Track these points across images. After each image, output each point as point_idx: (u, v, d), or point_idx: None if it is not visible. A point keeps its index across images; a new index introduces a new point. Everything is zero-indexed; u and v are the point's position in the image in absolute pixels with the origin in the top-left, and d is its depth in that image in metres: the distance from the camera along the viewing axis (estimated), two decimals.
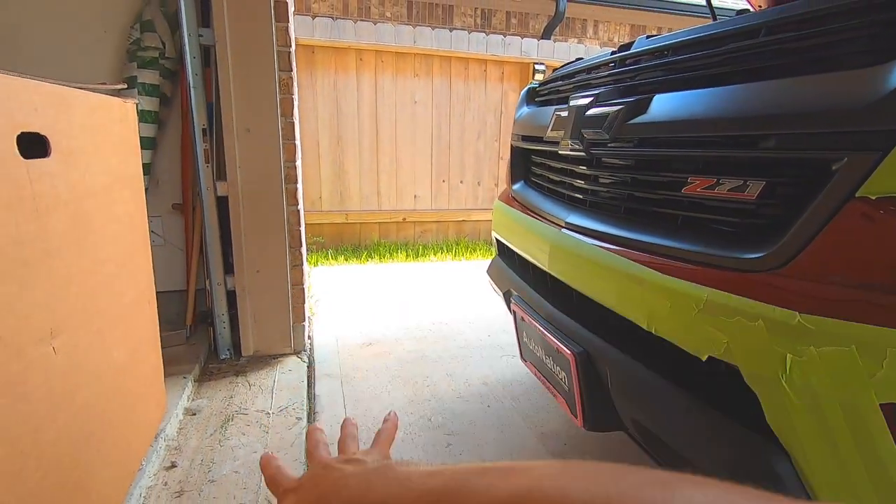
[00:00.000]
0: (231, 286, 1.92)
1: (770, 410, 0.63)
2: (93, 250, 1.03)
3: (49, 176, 0.85)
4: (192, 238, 2.02)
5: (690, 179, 0.79)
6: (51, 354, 0.84)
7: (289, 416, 1.62)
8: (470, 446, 1.50)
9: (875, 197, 0.55)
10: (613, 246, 0.91)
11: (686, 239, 0.78)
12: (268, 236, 1.88)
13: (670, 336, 0.75)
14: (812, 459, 0.60)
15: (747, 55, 0.72)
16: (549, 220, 1.16)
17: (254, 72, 1.75)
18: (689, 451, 0.75)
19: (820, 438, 0.59)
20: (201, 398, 1.71)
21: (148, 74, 1.85)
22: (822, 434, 0.58)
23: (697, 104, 0.76)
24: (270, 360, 1.99)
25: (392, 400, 1.76)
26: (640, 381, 0.82)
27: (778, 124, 0.64)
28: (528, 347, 1.28)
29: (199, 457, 1.41)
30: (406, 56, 4.06)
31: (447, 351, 2.18)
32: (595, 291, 0.93)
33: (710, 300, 0.69)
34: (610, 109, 0.92)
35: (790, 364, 0.59)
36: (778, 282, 0.62)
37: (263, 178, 1.83)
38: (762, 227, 0.70)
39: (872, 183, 0.55)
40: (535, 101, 1.46)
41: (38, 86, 0.84)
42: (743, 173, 0.71)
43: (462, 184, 4.47)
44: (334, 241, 4.16)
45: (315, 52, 3.84)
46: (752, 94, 0.68)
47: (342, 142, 4.04)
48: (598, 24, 5.15)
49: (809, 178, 0.63)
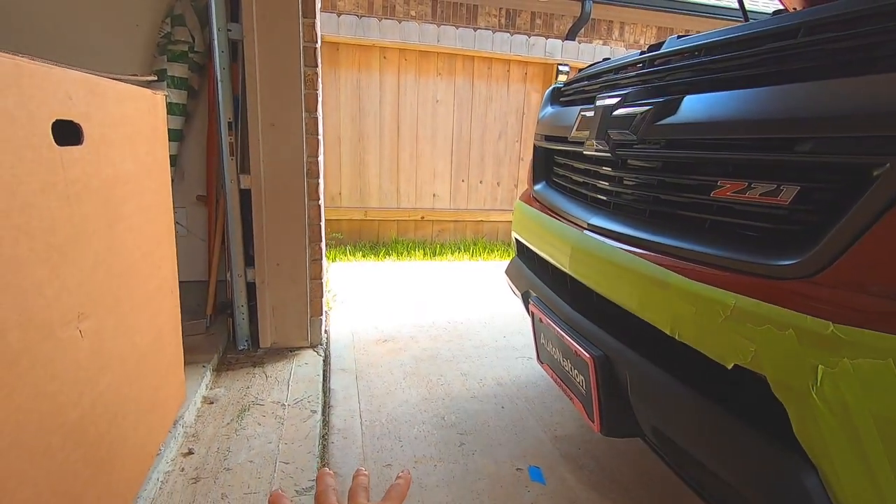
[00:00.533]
0: (251, 278, 1.94)
1: (798, 422, 0.61)
2: (120, 238, 1.05)
3: (81, 163, 0.87)
4: (214, 230, 2.05)
5: (720, 183, 0.77)
6: (78, 337, 0.85)
7: (304, 408, 1.63)
8: (483, 446, 1.49)
9: None
10: (637, 249, 0.89)
11: (714, 243, 0.76)
12: (288, 230, 1.90)
13: (695, 342, 0.74)
14: (841, 474, 0.58)
15: (786, 56, 0.70)
16: (571, 222, 1.15)
17: (280, 67, 1.76)
18: (712, 461, 0.74)
19: (851, 453, 0.57)
20: (219, 387, 1.74)
21: (177, 67, 1.89)
22: (854, 448, 0.56)
23: (731, 106, 0.74)
24: (287, 352, 2.01)
25: (406, 397, 1.76)
26: (662, 388, 0.80)
27: (816, 127, 0.62)
28: (545, 349, 1.26)
29: (216, 445, 1.43)
30: (429, 55, 4.07)
31: (462, 350, 2.17)
32: (617, 294, 0.92)
33: (737, 307, 0.67)
34: (638, 110, 0.90)
35: (822, 375, 0.57)
36: (811, 290, 0.60)
37: (286, 173, 1.85)
38: (795, 233, 0.67)
39: None
40: (559, 101, 1.44)
41: (73, 75, 0.86)
42: (776, 177, 0.69)
43: (481, 184, 4.45)
44: (353, 237, 4.19)
45: (339, 50, 3.87)
46: (789, 96, 0.66)
47: (363, 139, 4.06)
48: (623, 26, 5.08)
49: (848, 184, 0.61)
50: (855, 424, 0.56)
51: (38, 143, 0.74)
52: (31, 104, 0.73)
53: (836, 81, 0.62)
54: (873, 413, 0.54)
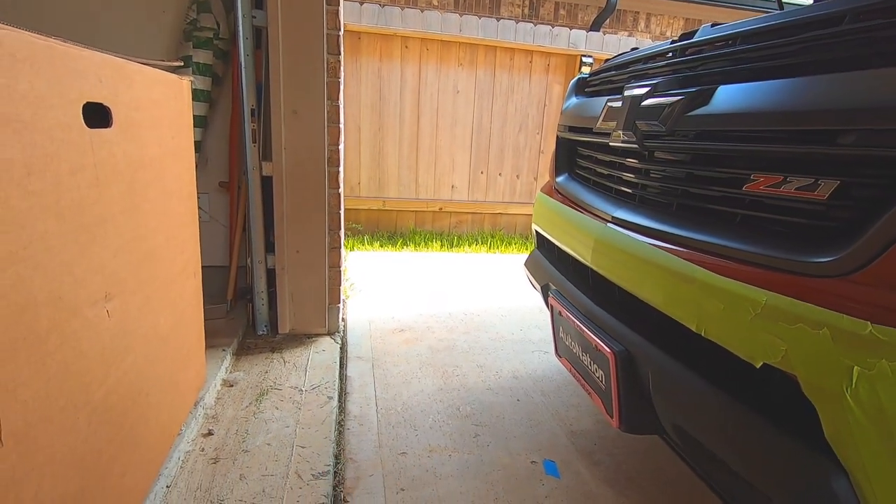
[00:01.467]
0: (271, 264, 1.97)
1: (830, 425, 0.59)
2: (145, 220, 1.07)
3: (109, 145, 0.88)
4: (236, 216, 2.08)
5: (754, 177, 0.74)
6: (105, 317, 0.87)
7: (320, 394, 1.65)
8: (498, 438, 1.49)
9: None
10: (663, 243, 0.87)
11: (744, 239, 0.74)
12: (309, 218, 1.91)
13: (722, 340, 0.72)
14: (874, 479, 0.56)
15: (830, 44, 0.67)
16: (595, 214, 1.13)
17: (303, 54, 1.77)
18: (736, 461, 0.72)
19: (884, 457, 0.55)
20: (238, 371, 1.77)
21: (202, 54, 1.90)
22: (888, 454, 0.54)
23: (768, 96, 0.71)
24: (305, 338, 2.03)
25: (422, 387, 1.76)
26: (685, 386, 0.79)
27: (860, 119, 0.59)
28: (563, 343, 1.25)
29: (235, 427, 1.45)
30: (451, 45, 4.03)
31: (478, 342, 2.17)
32: (641, 289, 0.90)
33: (769, 304, 0.65)
34: (668, 100, 0.88)
35: (857, 377, 0.55)
36: (848, 289, 0.58)
37: (307, 160, 1.86)
38: (832, 229, 0.65)
39: None
40: (584, 92, 1.41)
41: (103, 58, 0.87)
42: (814, 171, 0.66)
43: (500, 176, 4.42)
44: (371, 226, 4.21)
45: (361, 39, 3.86)
46: (832, 85, 0.63)
47: (383, 129, 4.06)
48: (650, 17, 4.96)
49: (891, 179, 0.58)
50: (890, 429, 0.54)
51: (69, 125, 0.75)
52: (63, 86, 0.74)
53: (881, 71, 0.60)
54: None
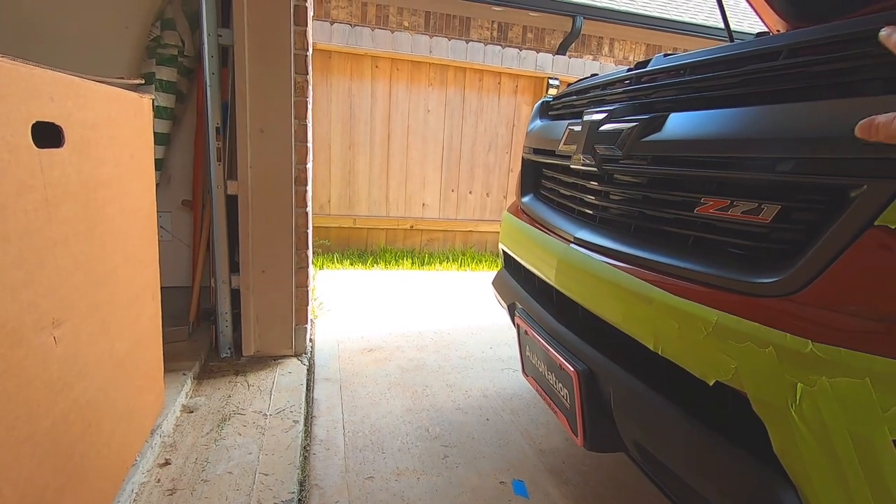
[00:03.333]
0: (236, 285, 1.92)
1: (777, 440, 0.61)
2: (101, 241, 1.03)
3: (61, 166, 0.85)
4: (199, 235, 2.03)
5: (704, 200, 0.78)
6: (52, 344, 0.83)
7: (286, 418, 1.61)
8: (467, 459, 1.48)
9: (895, 226, 0.54)
10: (622, 263, 0.89)
11: (697, 260, 0.77)
12: (275, 237, 1.88)
13: (677, 358, 0.74)
14: (820, 493, 0.58)
15: (769, 77, 0.71)
16: (558, 235, 1.15)
17: (270, 73, 1.76)
18: (692, 477, 0.74)
19: (828, 472, 0.57)
20: (200, 396, 1.71)
21: (166, 71, 1.87)
22: (831, 467, 0.57)
23: (714, 124, 0.75)
24: (271, 360, 1.98)
25: (390, 408, 1.74)
26: (644, 403, 0.80)
27: (797, 148, 0.63)
28: (530, 362, 1.26)
29: (194, 455, 1.40)
30: (421, 65, 4.09)
31: (448, 361, 2.16)
32: (601, 308, 0.92)
33: (719, 323, 0.67)
34: (624, 126, 0.91)
35: (800, 393, 0.58)
36: (790, 308, 0.61)
37: (274, 179, 1.84)
38: (776, 251, 0.68)
39: (892, 211, 0.54)
40: (548, 115, 1.45)
41: (55, 76, 0.85)
42: (758, 196, 0.70)
43: (471, 194, 4.47)
44: (341, 244, 4.17)
45: (332, 58, 3.88)
46: (771, 116, 0.67)
47: (354, 146, 4.06)
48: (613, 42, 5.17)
49: (827, 204, 0.62)
50: (833, 443, 0.56)
51: (16, 145, 0.73)
52: (10, 104, 0.71)
53: (815, 104, 0.64)
54: (851, 432, 0.55)
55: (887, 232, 0.55)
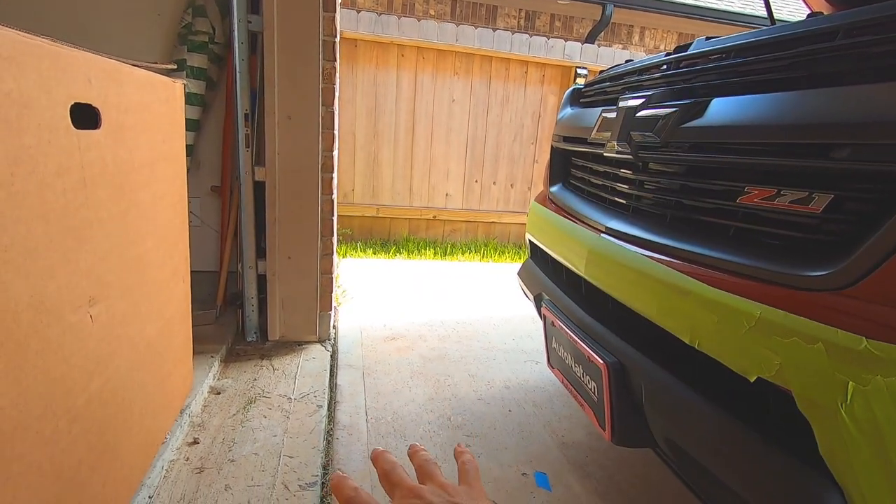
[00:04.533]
0: (262, 270, 1.94)
1: (824, 441, 0.58)
2: (134, 224, 1.05)
3: (98, 147, 0.87)
4: (227, 221, 2.06)
5: (748, 189, 0.74)
6: (88, 322, 0.85)
7: (310, 403, 1.63)
8: (489, 449, 1.47)
9: None
10: (657, 254, 0.87)
11: (738, 251, 0.74)
12: (301, 224, 1.90)
13: (715, 353, 0.71)
14: (868, 496, 0.55)
15: (823, 59, 0.67)
16: (588, 225, 1.12)
17: (299, 60, 1.76)
18: (729, 477, 0.71)
19: (879, 475, 0.54)
20: (226, 378, 1.74)
21: (197, 58, 1.89)
22: (883, 471, 0.54)
23: (762, 109, 0.71)
24: (295, 346, 2.01)
25: (412, 396, 1.74)
26: (678, 399, 0.78)
27: (854, 133, 0.59)
28: (556, 354, 1.24)
29: (221, 435, 1.42)
30: (447, 54, 4.06)
31: (470, 351, 2.16)
32: (634, 300, 0.89)
33: (763, 317, 0.64)
34: (663, 112, 0.88)
35: (852, 392, 0.55)
36: (843, 303, 0.57)
37: (301, 166, 1.84)
38: (826, 242, 0.65)
39: None
40: (579, 103, 1.42)
41: (93, 59, 0.86)
42: (808, 184, 0.66)
43: (494, 185, 4.43)
44: (364, 234, 4.19)
45: (358, 46, 3.87)
46: (826, 99, 0.64)
47: (378, 136, 4.06)
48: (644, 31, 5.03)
49: (885, 193, 0.58)
50: (886, 445, 0.53)
51: (56, 126, 0.74)
52: (51, 86, 0.73)
53: (875, 86, 0.60)
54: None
55: None
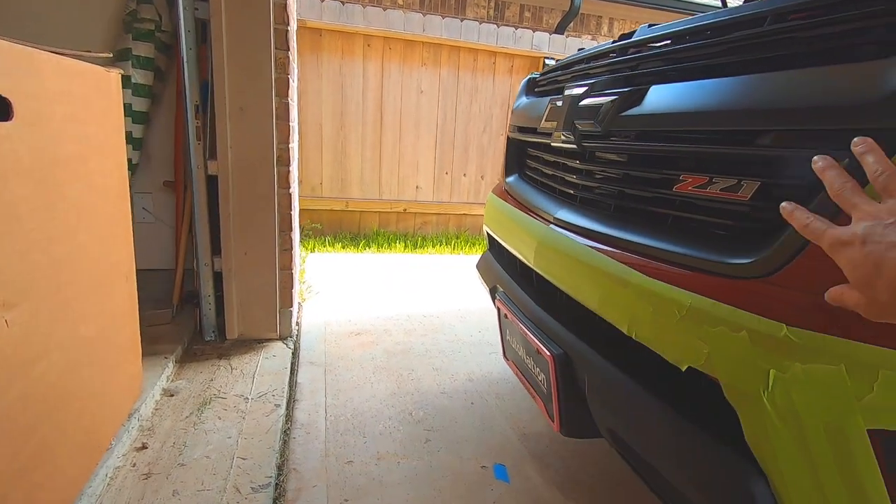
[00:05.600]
0: (218, 267, 1.89)
1: (749, 428, 0.58)
2: (63, 219, 0.99)
3: (10, 140, 0.81)
4: (182, 217, 1.99)
5: (682, 177, 0.74)
6: (3, 327, 0.80)
7: (267, 402, 1.59)
8: (449, 443, 1.46)
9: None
10: (600, 244, 0.86)
11: (674, 240, 0.73)
12: (257, 219, 1.84)
13: (651, 343, 0.71)
14: (790, 483, 0.56)
15: (749, 45, 0.67)
16: (539, 216, 1.11)
17: (249, 49, 1.70)
18: (664, 465, 0.71)
19: (800, 462, 0.54)
20: (181, 379, 1.69)
21: (143, 47, 1.81)
22: (803, 457, 0.54)
23: (693, 96, 0.71)
24: (255, 344, 1.96)
25: (374, 391, 1.72)
26: (617, 389, 0.78)
27: (777, 119, 0.59)
28: (510, 346, 1.23)
29: (172, 439, 1.38)
30: (414, 44, 4.00)
31: (436, 344, 2.14)
32: (578, 291, 0.89)
33: (693, 306, 0.64)
34: (604, 100, 0.87)
35: (773, 380, 0.55)
36: (765, 290, 0.57)
37: (255, 159, 1.79)
38: (754, 230, 0.65)
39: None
40: (534, 92, 1.40)
41: (4, 46, 0.80)
42: (737, 172, 0.66)
43: (465, 177, 4.41)
44: (333, 227, 4.13)
45: (322, 36, 3.78)
46: (751, 86, 0.63)
47: (345, 128, 3.99)
48: (613, 22, 5.05)
49: (807, 180, 0.58)
50: (805, 432, 0.53)
51: None
52: None
53: (800, 72, 0.59)
54: (823, 421, 0.52)
55: None
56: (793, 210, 0.48)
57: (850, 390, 0.50)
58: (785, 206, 0.48)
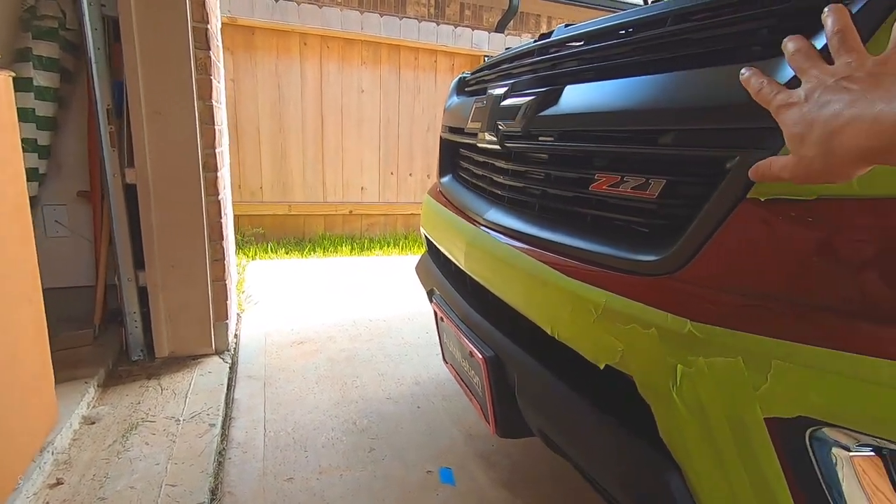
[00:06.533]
0: (143, 282, 1.77)
1: (662, 423, 0.59)
2: None
3: None
4: (100, 229, 1.85)
5: (597, 176, 0.75)
6: None
7: (201, 422, 1.50)
8: (394, 450, 1.44)
9: (764, 199, 0.52)
10: (526, 245, 0.86)
11: (592, 239, 0.74)
12: (184, 229, 1.74)
13: (571, 342, 0.71)
14: (701, 474, 0.57)
15: (650, 46, 0.68)
16: (470, 217, 1.10)
17: (165, 48, 1.60)
18: (588, 463, 0.72)
19: (708, 452, 0.56)
20: (104, 405, 1.57)
21: (45, 46, 1.67)
22: (710, 448, 0.55)
23: (602, 96, 0.71)
24: (189, 361, 1.86)
25: (317, 402, 1.67)
26: (544, 388, 0.78)
27: (677, 119, 0.60)
28: (447, 349, 1.22)
29: (92, 471, 1.28)
30: (353, 43, 3.92)
31: (382, 349, 2.11)
32: (505, 293, 0.88)
33: (608, 305, 0.65)
34: (523, 100, 0.87)
35: (680, 375, 0.56)
36: (672, 287, 0.58)
37: (178, 166, 1.69)
38: (663, 228, 0.66)
39: (763, 184, 0.52)
40: (464, 92, 1.40)
41: None
42: (645, 170, 0.67)
43: (411, 176, 4.38)
44: (276, 233, 3.99)
45: (255, 34, 3.64)
46: (652, 86, 0.64)
47: (284, 129, 3.86)
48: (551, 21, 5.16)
49: (708, 178, 0.60)
50: (710, 424, 0.55)
51: None
52: None
53: (695, 72, 0.61)
54: (726, 412, 0.53)
55: (759, 205, 0.53)
56: (749, 76, 0.48)
57: (748, 381, 0.51)
58: (743, 71, 0.49)
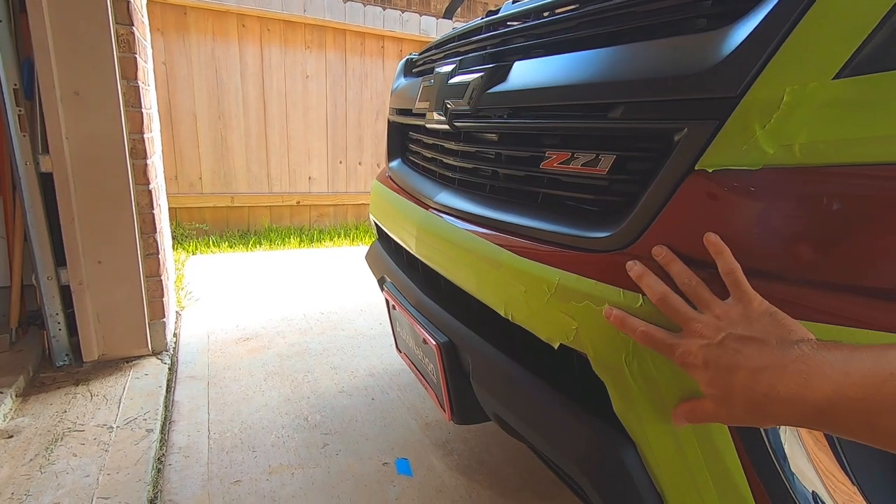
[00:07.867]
0: (66, 280, 1.62)
1: (616, 399, 0.59)
2: None
3: None
4: (13, 224, 1.68)
5: (548, 154, 0.73)
6: None
7: (137, 428, 1.40)
8: (348, 444, 1.40)
9: (712, 170, 0.52)
10: (477, 227, 0.84)
11: (544, 218, 0.72)
12: (110, 221, 1.60)
13: (525, 323, 0.70)
14: (655, 449, 0.57)
15: (598, 19, 0.67)
16: (420, 201, 1.07)
17: (80, 22, 1.45)
18: (544, 444, 0.71)
19: (661, 425, 0.56)
20: (23, 416, 1.43)
21: None
22: (661, 421, 0.55)
23: (550, 71, 0.70)
24: (122, 363, 1.73)
25: (266, 400, 1.59)
26: (498, 372, 0.76)
27: (624, 92, 0.59)
28: (401, 338, 1.19)
29: (10, 490, 1.16)
30: (296, 26, 3.76)
31: (334, 342, 2.04)
32: (458, 276, 0.86)
33: (561, 283, 0.63)
34: (471, 77, 0.84)
35: (632, 350, 0.56)
36: (623, 262, 0.58)
37: (100, 152, 1.55)
38: (614, 204, 0.65)
39: (710, 155, 0.52)
40: (411, 73, 1.35)
41: None
42: (594, 146, 0.66)
43: (360, 165, 4.28)
44: (219, 226, 3.79)
45: (188, 14, 3.41)
46: (601, 60, 0.63)
47: (224, 117, 3.66)
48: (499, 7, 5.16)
49: (656, 151, 0.59)
50: (662, 398, 0.55)
51: None
52: None
53: (643, 44, 0.60)
54: (676, 385, 0.53)
55: (707, 177, 0.52)
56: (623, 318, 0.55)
57: None
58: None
